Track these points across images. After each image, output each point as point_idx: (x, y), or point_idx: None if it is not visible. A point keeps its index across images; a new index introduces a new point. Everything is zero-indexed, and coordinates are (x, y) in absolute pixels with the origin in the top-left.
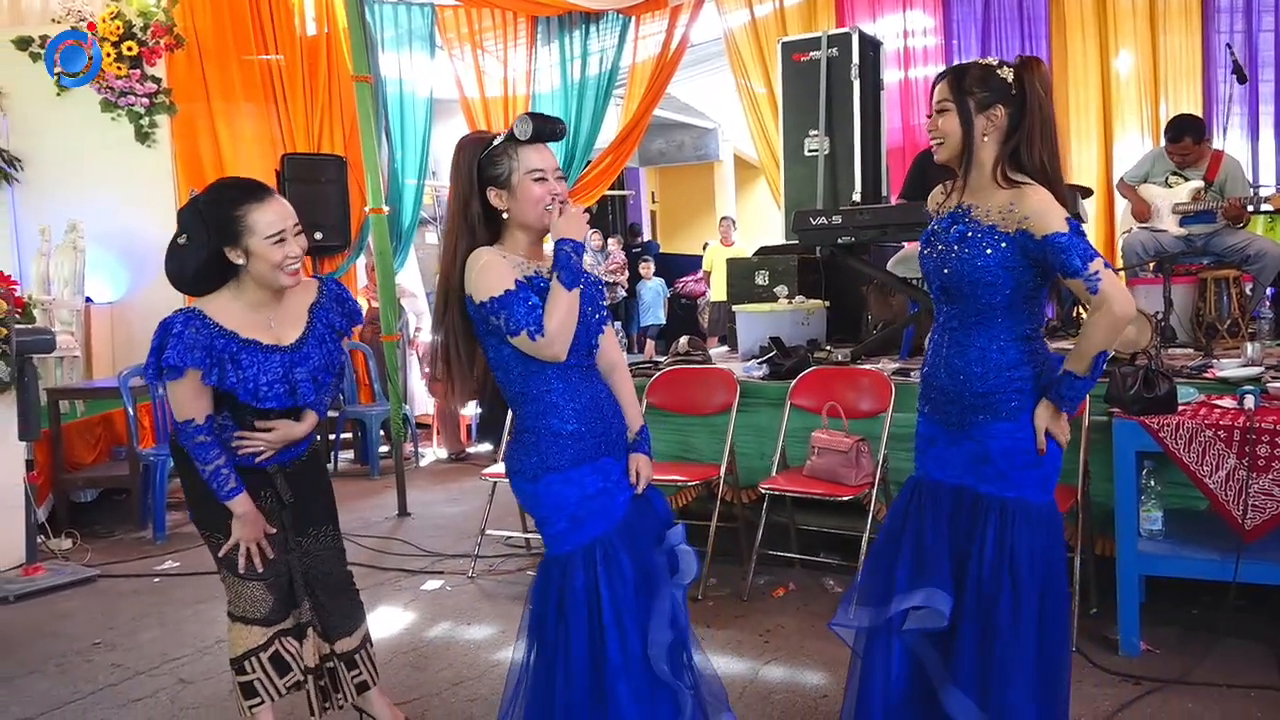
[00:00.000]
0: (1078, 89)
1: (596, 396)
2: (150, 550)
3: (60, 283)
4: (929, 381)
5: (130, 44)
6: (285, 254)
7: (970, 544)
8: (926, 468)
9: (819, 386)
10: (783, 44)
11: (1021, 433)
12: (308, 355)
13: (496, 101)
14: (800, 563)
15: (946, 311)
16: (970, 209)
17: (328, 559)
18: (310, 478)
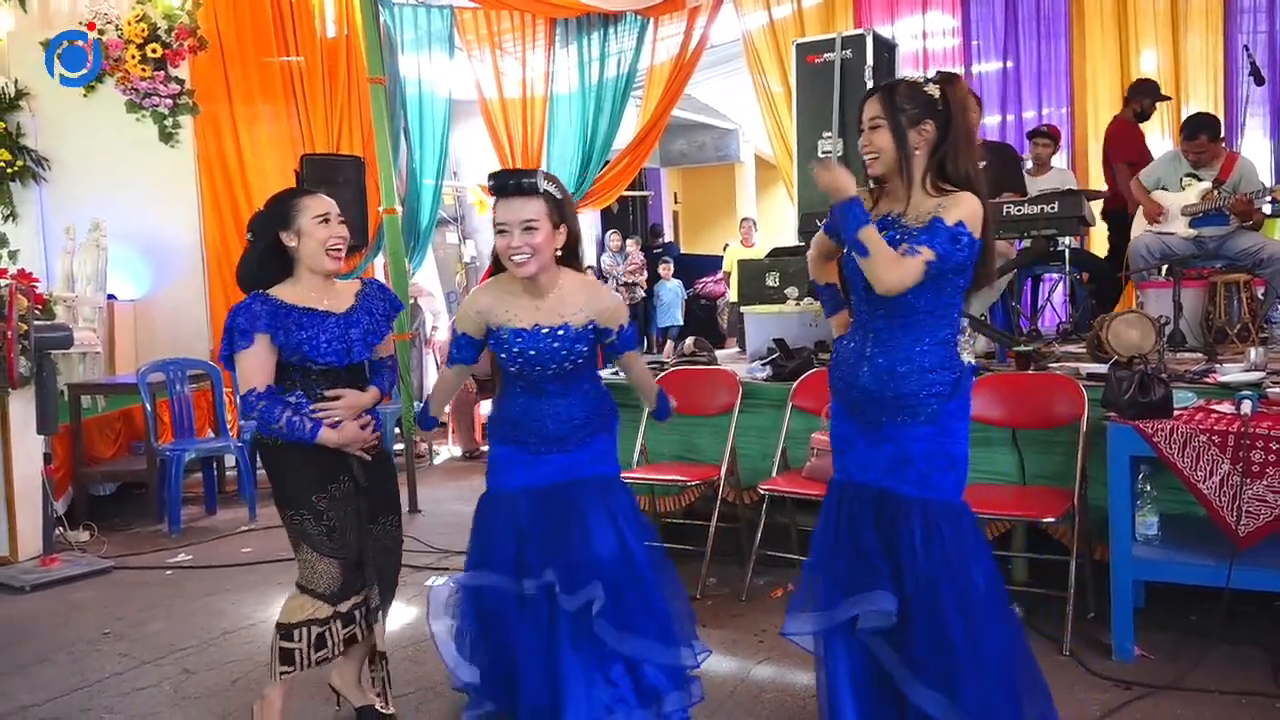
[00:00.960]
0: (1097, 89)
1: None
2: (165, 543)
3: (83, 280)
4: (847, 382)
5: (154, 46)
6: (330, 233)
7: (899, 545)
8: (848, 470)
9: (820, 388)
10: (797, 45)
11: (942, 436)
12: (359, 320)
13: (515, 103)
14: (800, 564)
15: (869, 313)
16: (899, 217)
17: (392, 548)
18: (383, 467)
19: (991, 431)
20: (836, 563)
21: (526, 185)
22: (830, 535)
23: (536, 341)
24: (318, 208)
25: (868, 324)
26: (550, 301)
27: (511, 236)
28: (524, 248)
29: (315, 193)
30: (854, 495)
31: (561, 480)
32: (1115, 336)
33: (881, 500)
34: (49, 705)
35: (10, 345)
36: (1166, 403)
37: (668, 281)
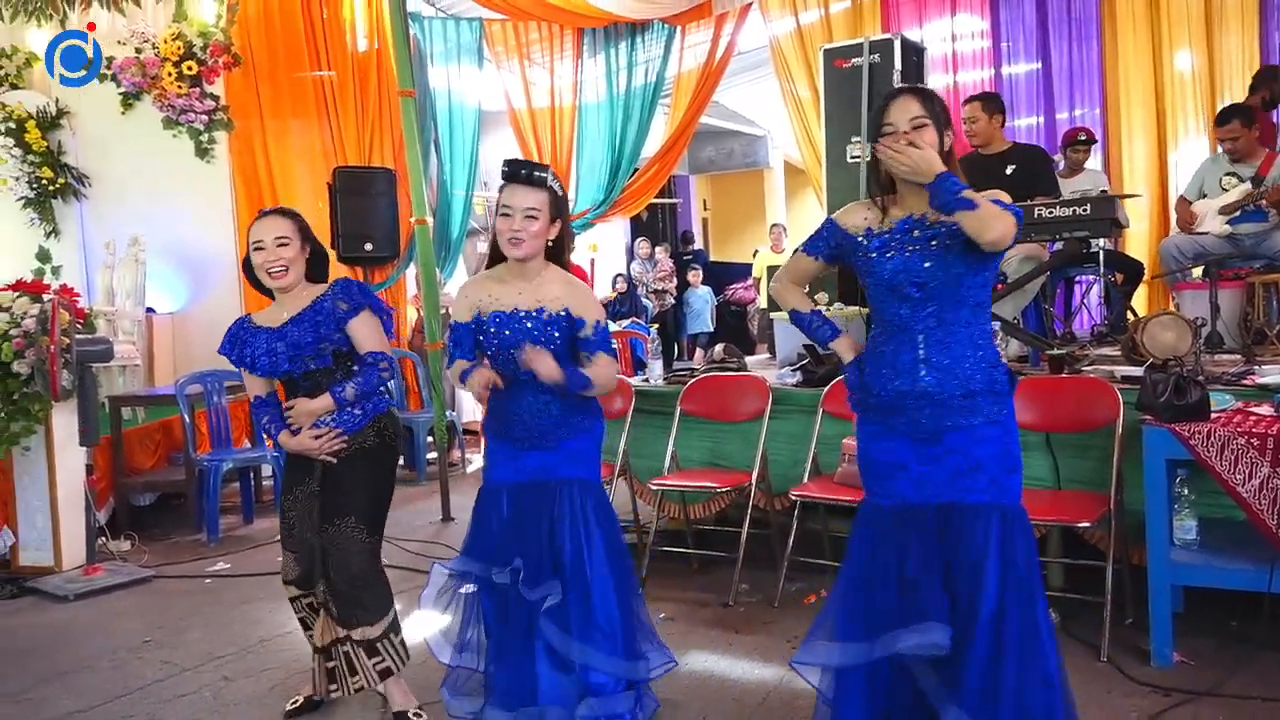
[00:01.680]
0: (1130, 91)
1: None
2: (204, 552)
3: (123, 294)
4: (898, 392)
5: (190, 63)
6: (264, 259)
7: (966, 561)
8: (897, 493)
9: None
10: (824, 51)
11: (1007, 436)
12: (286, 332)
13: (544, 112)
14: (833, 570)
15: (911, 315)
16: (923, 218)
17: (347, 551)
18: (349, 474)
19: (1026, 435)
20: (874, 594)
21: (537, 177)
22: (864, 565)
23: (513, 323)
24: (254, 235)
25: (909, 326)
26: (532, 288)
27: (513, 220)
28: (522, 231)
29: (265, 215)
30: (905, 520)
31: (539, 479)
32: (1151, 338)
33: (945, 517)
34: (93, 712)
35: (53, 359)
36: (1204, 405)
37: (697, 288)
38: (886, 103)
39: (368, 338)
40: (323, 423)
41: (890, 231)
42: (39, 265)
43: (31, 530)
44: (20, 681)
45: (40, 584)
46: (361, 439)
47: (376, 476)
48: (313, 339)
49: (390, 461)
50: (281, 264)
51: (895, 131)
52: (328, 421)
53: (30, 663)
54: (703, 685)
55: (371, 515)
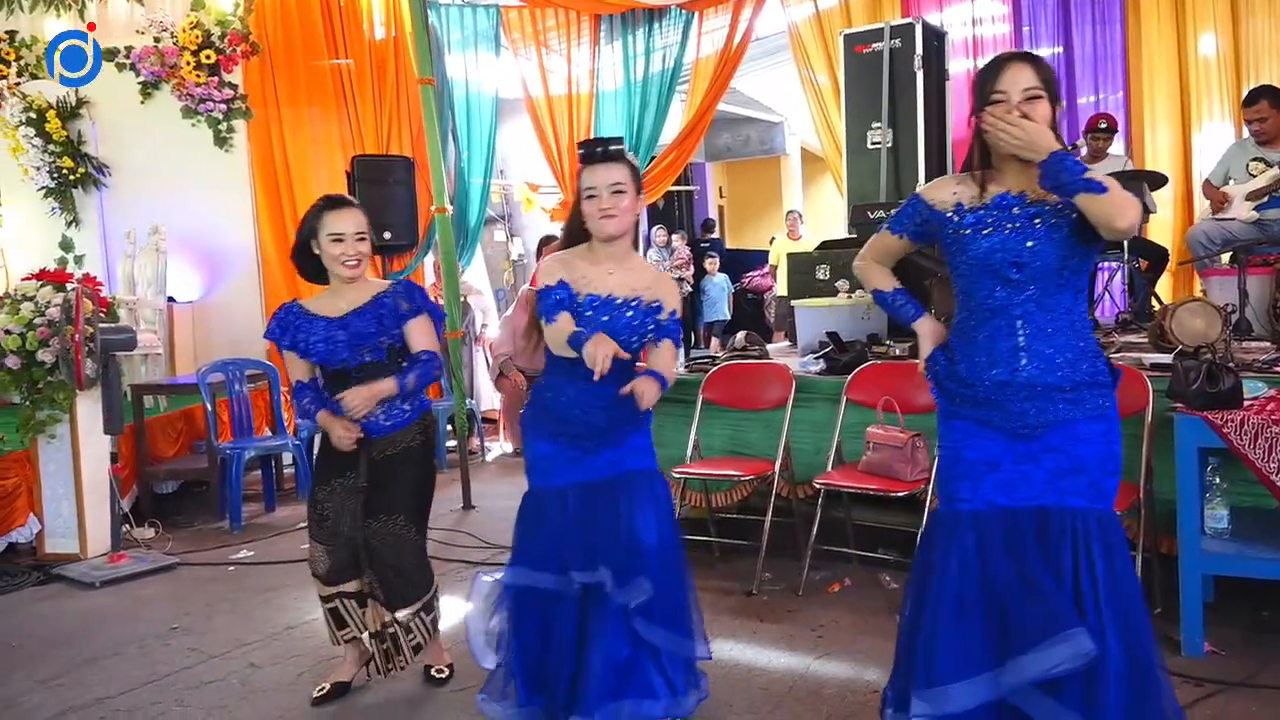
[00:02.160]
0: (1155, 74)
1: (587, 394)
2: (227, 540)
3: (144, 283)
4: (996, 383)
5: (209, 52)
6: (343, 251)
7: (1066, 572)
8: (986, 496)
9: (875, 381)
10: (844, 35)
11: (1112, 434)
12: (349, 323)
13: (561, 100)
14: (856, 558)
15: (1009, 299)
16: (1023, 195)
17: (393, 545)
18: (395, 469)
19: None
20: (978, 615)
21: (614, 152)
22: (957, 583)
23: (611, 310)
24: (334, 226)
25: (1006, 310)
26: (623, 273)
27: (601, 199)
28: (612, 207)
29: (341, 206)
30: (999, 526)
31: (611, 475)
32: (1179, 325)
33: (1043, 522)
34: (122, 698)
35: (78, 348)
36: (1236, 393)
37: (714, 276)
38: (997, 70)
39: (423, 339)
40: (373, 416)
41: (985, 207)
42: (61, 254)
43: (57, 518)
44: (51, 667)
45: (66, 571)
46: (410, 437)
47: (423, 475)
48: (375, 331)
49: (432, 460)
50: (358, 258)
51: (1006, 101)
52: (377, 415)
53: (60, 649)
54: (729, 674)
55: (419, 513)
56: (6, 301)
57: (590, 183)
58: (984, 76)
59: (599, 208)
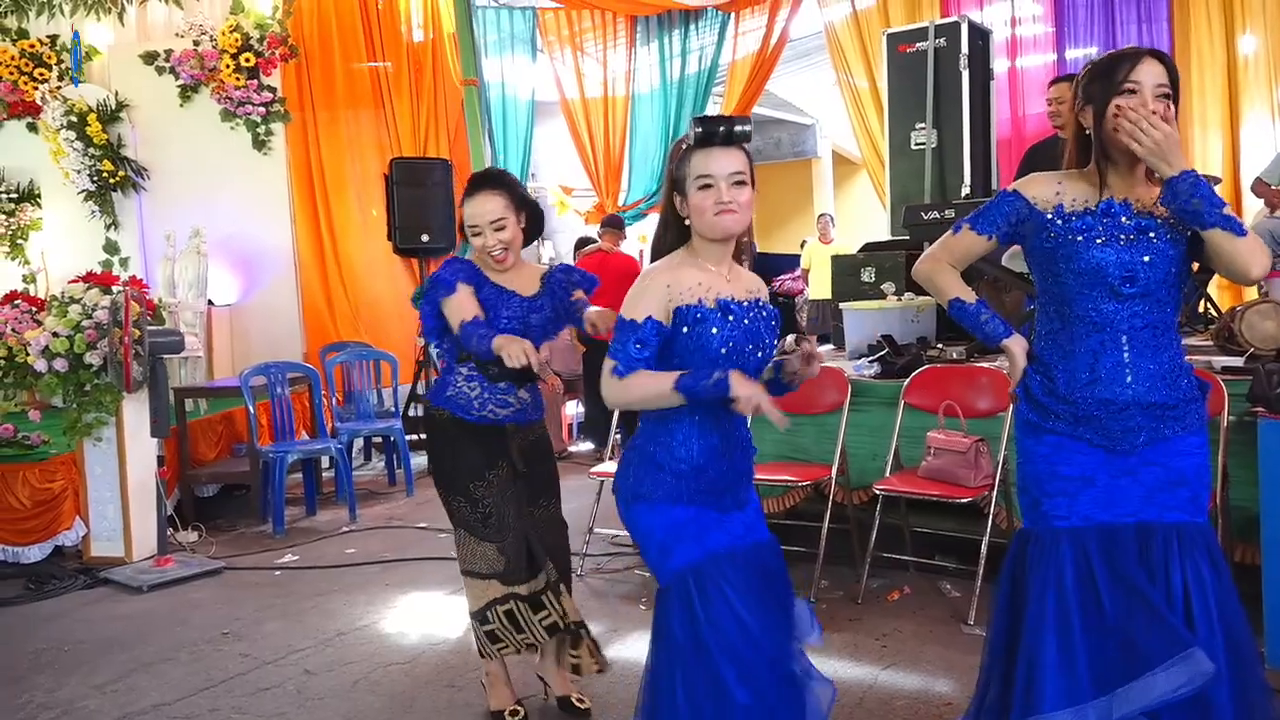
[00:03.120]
0: (1202, 72)
1: (726, 439)
2: (270, 544)
3: (185, 286)
4: (1100, 400)
5: (248, 55)
6: (484, 244)
7: (1179, 590)
8: (1083, 512)
9: (934, 385)
10: (887, 35)
11: (1206, 448)
12: (542, 305)
13: (596, 102)
14: (915, 566)
15: (1117, 314)
16: (1128, 203)
17: (559, 529)
18: (541, 450)
19: None
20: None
21: (739, 134)
22: (1053, 602)
23: (748, 312)
24: (469, 214)
25: (1113, 325)
26: (734, 278)
27: (719, 189)
28: (733, 201)
29: (476, 190)
30: (1098, 542)
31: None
32: (1250, 328)
33: (1145, 538)
34: (179, 704)
35: (126, 350)
36: None
37: None
38: (1131, 61)
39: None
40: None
41: (1093, 214)
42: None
43: (102, 521)
44: (105, 672)
45: (113, 575)
46: (541, 429)
47: (555, 454)
48: (560, 318)
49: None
50: (501, 246)
51: (1139, 94)
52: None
53: (112, 654)
54: None
55: (560, 492)
56: (54, 304)
57: (706, 170)
58: (1113, 65)
59: (716, 201)
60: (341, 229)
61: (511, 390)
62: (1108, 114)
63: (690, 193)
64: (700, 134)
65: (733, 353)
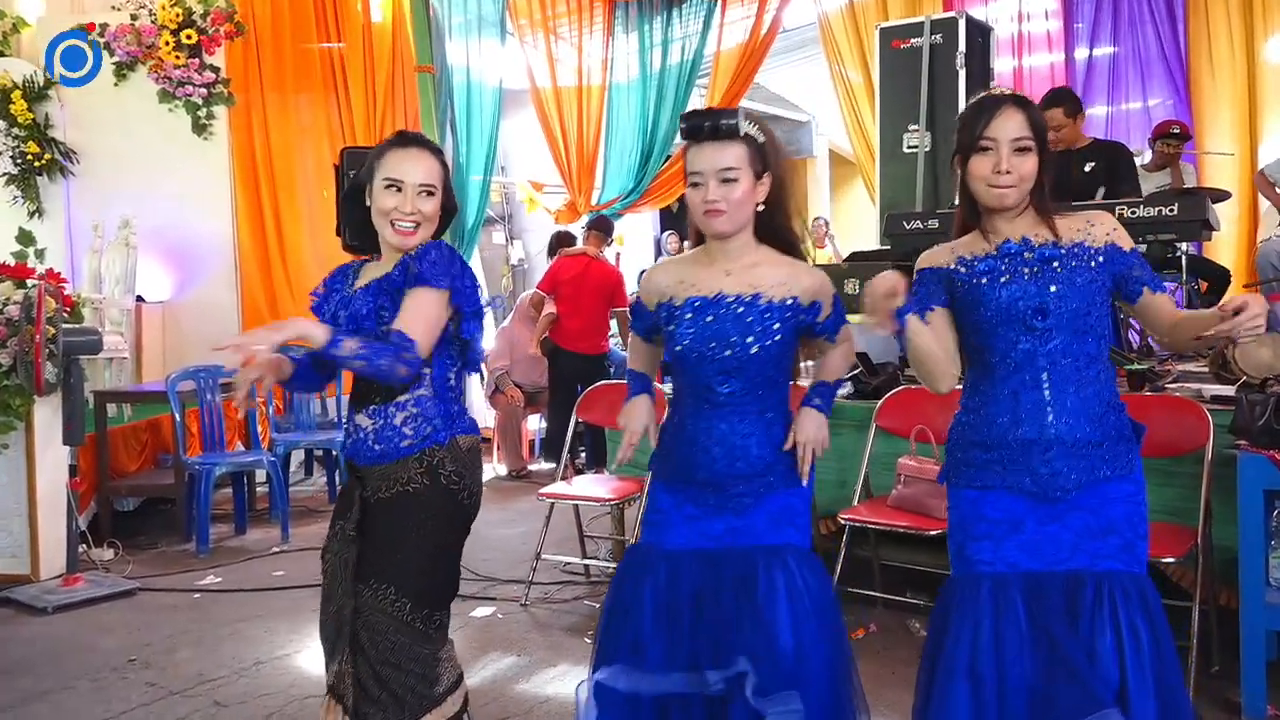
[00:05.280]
0: (1220, 79)
1: (705, 432)
2: (192, 564)
3: (111, 281)
4: (1022, 443)
5: (189, 32)
6: (395, 205)
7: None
8: (1009, 558)
9: (908, 408)
10: (881, 29)
11: (1140, 492)
12: (354, 300)
13: (570, 92)
14: (883, 602)
15: (1032, 349)
16: (1027, 239)
17: (380, 631)
18: (392, 525)
19: None
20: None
21: (725, 127)
22: (966, 651)
23: (717, 308)
24: (393, 167)
25: (1032, 362)
26: (742, 270)
27: (706, 189)
28: (720, 200)
29: (410, 144)
30: (1021, 590)
31: (736, 544)
32: (1244, 355)
33: (1074, 588)
34: None
35: (38, 350)
36: None
37: None
38: (987, 113)
39: (411, 316)
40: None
41: (994, 256)
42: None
43: (6, 535)
44: None
45: (16, 594)
46: (405, 477)
47: (431, 534)
48: (370, 309)
49: (451, 514)
50: (414, 220)
51: (995, 151)
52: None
53: (10, 680)
54: None
55: (423, 588)
56: None
57: (695, 166)
58: (970, 120)
59: (703, 199)
60: (288, 222)
61: (352, 415)
62: (970, 173)
63: (688, 190)
64: (685, 129)
65: (689, 351)
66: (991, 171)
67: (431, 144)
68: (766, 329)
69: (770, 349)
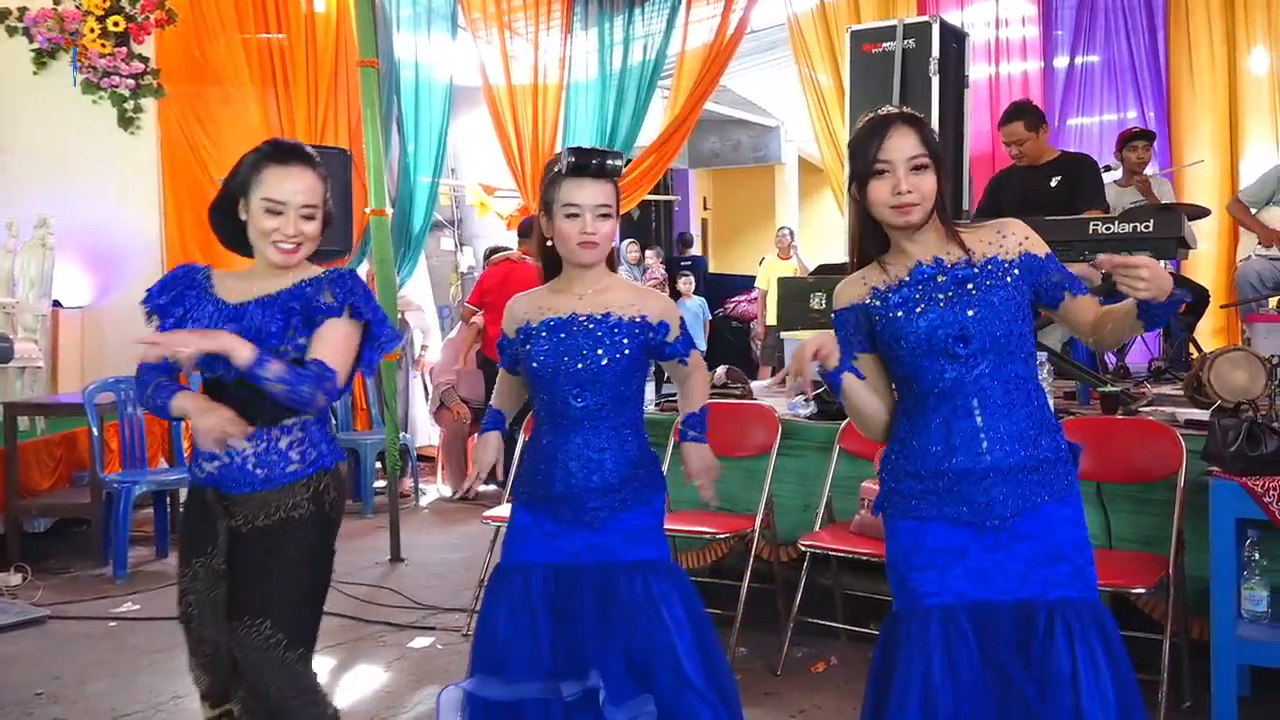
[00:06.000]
0: (1201, 91)
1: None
2: (108, 590)
3: (26, 284)
4: (956, 472)
5: (117, 18)
6: (278, 227)
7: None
8: (956, 587)
9: None
10: (851, 33)
11: (1080, 516)
12: (243, 315)
13: (525, 90)
14: (846, 633)
15: (960, 377)
16: (940, 260)
17: (260, 669)
18: (267, 548)
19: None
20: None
21: (611, 167)
22: (917, 690)
23: (570, 326)
24: (275, 188)
25: (960, 390)
26: (594, 294)
27: (584, 220)
28: (596, 234)
29: (291, 160)
30: (970, 621)
31: (591, 560)
32: (1219, 378)
33: (1026, 617)
34: None
35: None
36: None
37: (688, 300)
38: (879, 134)
39: (324, 347)
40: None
41: (906, 284)
42: None
43: None
44: None
45: None
46: (293, 502)
47: (309, 562)
48: (278, 330)
49: (329, 539)
50: (298, 241)
51: (891, 173)
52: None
53: None
54: None
55: (298, 619)
56: None
57: (574, 199)
58: (862, 142)
59: (581, 231)
60: None
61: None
62: (870, 199)
63: (556, 219)
64: (573, 163)
65: (544, 367)
66: (891, 194)
67: (310, 156)
68: (616, 343)
69: (620, 362)
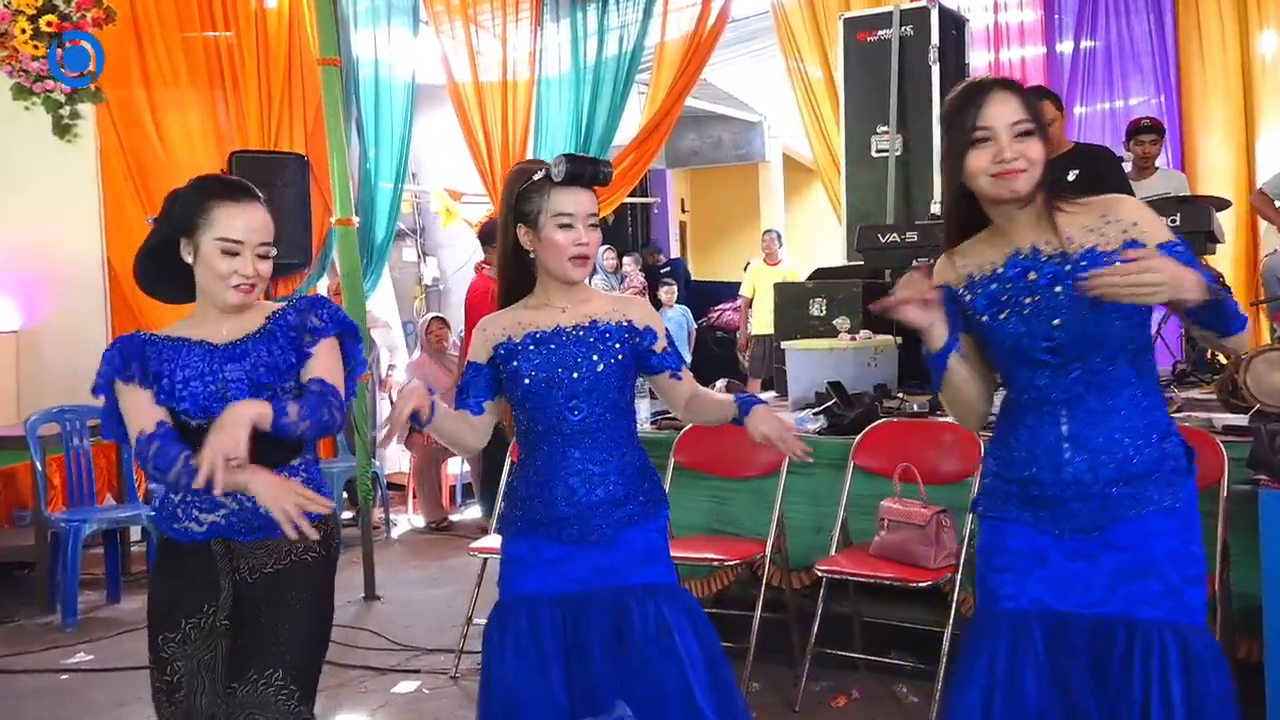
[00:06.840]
0: (1213, 75)
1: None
2: (59, 639)
3: None
4: (1042, 481)
5: (50, 18)
6: (235, 269)
7: (1130, 703)
8: (1034, 594)
9: (890, 444)
10: (845, 20)
11: (1188, 531)
12: (244, 352)
13: (493, 87)
14: (865, 664)
15: (1053, 381)
16: (1038, 251)
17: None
18: (276, 597)
19: None
20: None
21: (604, 175)
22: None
23: (557, 338)
24: (228, 227)
25: (1045, 399)
26: (575, 306)
27: (578, 232)
28: (589, 245)
29: (242, 198)
30: (1042, 631)
31: (599, 585)
32: (1257, 380)
33: (1105, 636)
34: None
35: None
36: None
37: (670, 309)
38: (976, 100)
39: (320, 365)
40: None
41: (997, 277)
42: None
43: None
44: None
45: None
46: (301, 548)
47: (318, 607)
48: (297, 359)
49: (331, 584)
50: (254, 282)
51: (994, 141)
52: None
53: None
54: None
55: (308, 670)
56: None
57: (567, 208)
58: (959, 109)
59: (575, 242)
60: None
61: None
62: (969, 170)
63: (546, 229)
64: (570, 171)
65: (537, 382)
66: (993, 161)
67: (255, 192)
68: (609, 348)
69: (614, 368)
